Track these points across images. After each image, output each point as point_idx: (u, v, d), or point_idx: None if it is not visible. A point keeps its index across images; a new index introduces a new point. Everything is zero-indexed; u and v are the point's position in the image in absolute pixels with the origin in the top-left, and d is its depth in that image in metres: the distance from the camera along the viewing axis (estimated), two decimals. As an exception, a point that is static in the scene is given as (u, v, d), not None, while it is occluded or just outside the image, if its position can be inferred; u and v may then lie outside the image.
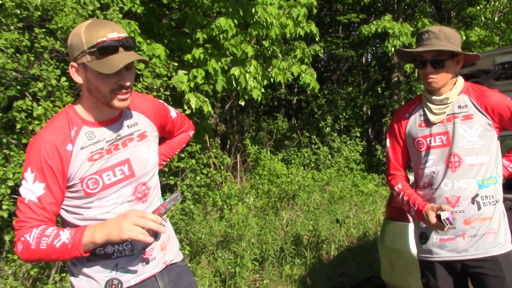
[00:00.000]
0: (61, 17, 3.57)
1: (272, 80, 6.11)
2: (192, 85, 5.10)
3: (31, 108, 3.26)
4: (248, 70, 5.35)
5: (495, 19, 10.10)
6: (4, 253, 3.54)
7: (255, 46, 6.45)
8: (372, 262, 4.74)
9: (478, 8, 10.70)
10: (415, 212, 1.98)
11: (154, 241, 1.44)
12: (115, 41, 1.38)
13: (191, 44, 5.52)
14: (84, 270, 1.48)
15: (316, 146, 9.09)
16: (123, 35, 1.40)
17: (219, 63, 5.21)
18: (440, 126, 1.97)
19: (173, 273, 1.63)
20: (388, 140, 2.15)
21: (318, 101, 12.72)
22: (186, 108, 4.76)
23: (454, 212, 1.91)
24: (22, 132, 3.38)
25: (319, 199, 6.92)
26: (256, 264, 4.35)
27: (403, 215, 2.83)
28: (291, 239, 5.03)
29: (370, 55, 16.13)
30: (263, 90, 5.77)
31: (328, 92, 13.40)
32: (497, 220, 1.94)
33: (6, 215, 3.20)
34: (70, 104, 1.52)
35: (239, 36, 5.55)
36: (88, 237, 1.35)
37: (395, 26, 9.40)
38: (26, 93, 3.53)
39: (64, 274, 3.45)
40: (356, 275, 4.50)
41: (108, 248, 1.47)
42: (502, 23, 10.16)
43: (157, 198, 1.63)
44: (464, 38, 9.50)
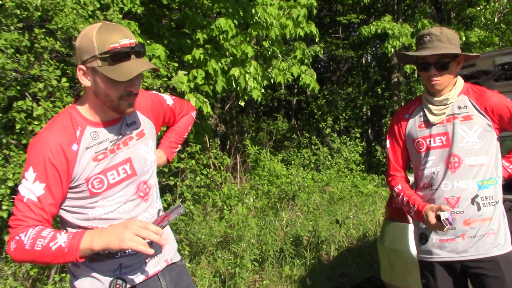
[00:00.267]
0: (61, 17, 3.57)
1: (272, 80, 6.11)
2: (192, 85, 5.10)
3: (31, 109, 3.26)
4: (248, 71, 5.35)
5: (495, 20, 10.10)
6: (4, 253, 3.53)
7: (255, 47, 6.45)
8: (372, 263, 4.74)
9: (478, 9, 10.71)
10: (414, 213, 1.98)
11: (154, 253, 1.44)
12: (127, 47, 1.38)
13: (191, 44, 5.52)
14: (87, 270, 1.47)
15: (316, 147, 9.08)
16: (134, 41, 1.41)
17: (219, 64, 5.21)
18: (440, 127, 1.97)
19: (173, 272, 1.65)
20: (388, 141, 2.16)
21: (318, 101, 12.71)
22: (186, 109, 4.74)
23: (454, 212, 1.91)
24: (22, 132, 3.38)
25: (319, 199, 6.91)
26: (256, 265, 4.34)
27: (403, 216, 2.83)
28: (291, 239, 5.03)
29: (370, 56, 16.14)
30: (263, 90, 5.77)
31: (328, 93, 13.39)
32: (496, 220, 1.94)
33: (5, 215, 3.19)
34: (72, 104, 1.52)
35: (239, 37, 5.56)
36: (86, 243, 1.33)
37: (394, 27, 9.39)
38: (26, 93, 3.53)
39: (64, 275, 3.44)
40: (356, 275, 4.50)
41: None
42: (502, 24, 10.17)
43: (156, 197, 1.64)
44: (464, 39, 9.51)
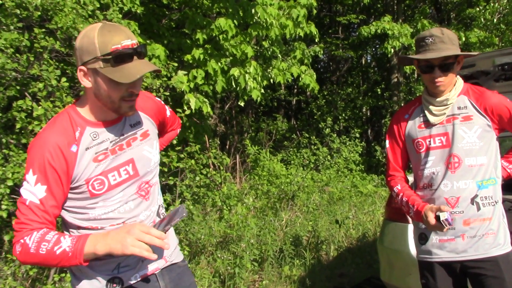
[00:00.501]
0: (60, 17, 3.57)
1: (271, 80, 6.11)
2: (192, 85, 5.10)
3: (31, 108, 3.26)
4: (248, 71, 5.35)
5: (495, 20, 10.12)
6: (3, 253, 3.53)
7: (255, 47, 6.44)
8: (371, 263, 4.74)
9: (477, 9, 10.73)
10: (414, 213, 1.98)
11: (157, 258, 1.45)
12: (130, 48, 1.37)
13: (190, 44, 5.52)
14: (86, 270, 1.47)
15: (316, 147, 9.08)
16: (136, 42, 1.40)
17: (219, 64, 5.21)
18: (440, 127, 1.97)
19: (174, 273, 1.63)
20: (387, 141, 2.16)
21: (318, 102, 12.70)
22: (185, 109, 4.75)
23: (453, 212, 1.91)
24: (22, 132, 3.38)
25: (319, 199, 6.91)
26: (255, 265, 4.34)
27: (403, 216, 2.83)
28: (291, 239, 5.02)
29: (369, 56, 16.14)
30: (262, 90, 5.76)
31: (328, 93, 13.38)
32: (496, 220, 1.94)
33: (5, 215, 3.19)
34: (71, 104, 1.52)
35: (239, 37, 5.55)
36: (90, 247, 1.34)
37: (394, 27, 9.40)
38: (26, 93, 3.53)
39: (63, 274, 3.44)
40: (355, 276, 4.50)
41: None
42: (501, 25, 10.19)
43: (157, 195, 1.64)
44: (463, 39, 9.52)
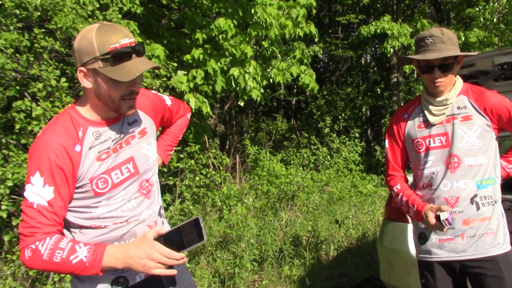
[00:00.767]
0: (60, 17, 3.58)
1: (271, 80, 6.11)
2: (192, 85, 5.10)
3: (30, 109, 3.26)
4: (248, 71, 5.34)
5: (494, 20, 10.12)
6: (3, 253, 3.53)
7: (255, 47, 6.44)
8: (371, 263, 4.74)
9: (477, 9, 10.73)
10: (414, 213, 1.98)
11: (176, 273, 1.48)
12: (128, 47, 1.38)
13: (190, 44, 5.52)
14: None
15: (315, 147, 9.08)
16: (133, 40, 1.41)
17: (219, 64, 5.21)
18: (440, 127, 1.97)
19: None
20: (387, 141, 2.16)
21: (317, 101, 12.70)
22: (185, 109, 4.74)
23: (453, 212, 1.92)
24: (21, 132, 3.38)
25: (318, 199, 6.91)
26: (255, 265, 4.34)
27: (402, 216, 2.83)
28: (290, 239, 5.02)
29: (369, 56, 16.14)
30: (262, 90, 5.76)
31: (327, 93, 13.38)
32: (495, 220, 1.94)
33: (5, 215, 3.20)
34: (71, 105, 1.52)
35: (238, 37, 5.55)
36: (110, 262, 1.35)
37: (394, 27, 9.39)
38: (25, 93, 3.53)
39: (63, 275, 3.44)
40: (355, 275, 4.50)
41: None
42: (501, 24, 10.19)
43: (158, 194, 1.65)
44: (463, 39, 9.52)
